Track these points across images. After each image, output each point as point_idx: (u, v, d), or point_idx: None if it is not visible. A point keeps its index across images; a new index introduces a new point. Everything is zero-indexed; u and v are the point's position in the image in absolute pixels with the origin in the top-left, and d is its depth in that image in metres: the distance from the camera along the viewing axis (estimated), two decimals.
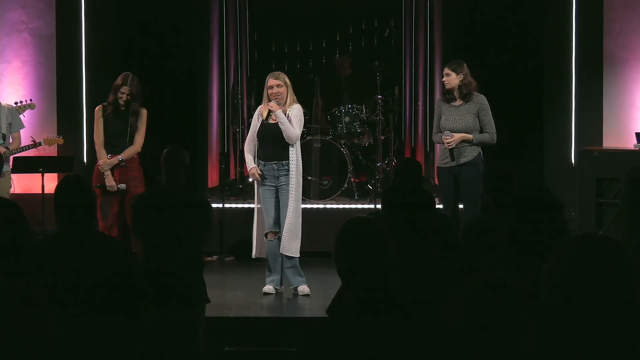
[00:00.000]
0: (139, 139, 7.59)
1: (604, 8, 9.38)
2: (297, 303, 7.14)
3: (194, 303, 5.35)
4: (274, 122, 7.22)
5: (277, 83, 7.20)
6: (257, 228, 7.37)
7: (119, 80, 7.57)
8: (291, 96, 7.26)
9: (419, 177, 5.75)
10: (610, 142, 9.25)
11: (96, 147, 7.64)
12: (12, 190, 7.98)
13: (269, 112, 7.24)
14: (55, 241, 4.01)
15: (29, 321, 1.97)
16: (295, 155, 7.24)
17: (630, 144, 8.81)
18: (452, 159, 7.43)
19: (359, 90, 10.50)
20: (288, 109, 7.22)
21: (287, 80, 7.27)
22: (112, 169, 7.49)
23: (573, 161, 9.39)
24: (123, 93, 7.52)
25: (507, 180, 5.12)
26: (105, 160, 7.52)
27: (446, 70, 7.58)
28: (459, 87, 7.49)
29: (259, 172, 7.23)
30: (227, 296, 7.33)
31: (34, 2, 9.52)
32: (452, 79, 7.50)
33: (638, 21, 9.37)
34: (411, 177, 5.64)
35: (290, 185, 7.21)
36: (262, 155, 7.26)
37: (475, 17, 10.05)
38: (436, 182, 8.93)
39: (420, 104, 10.48)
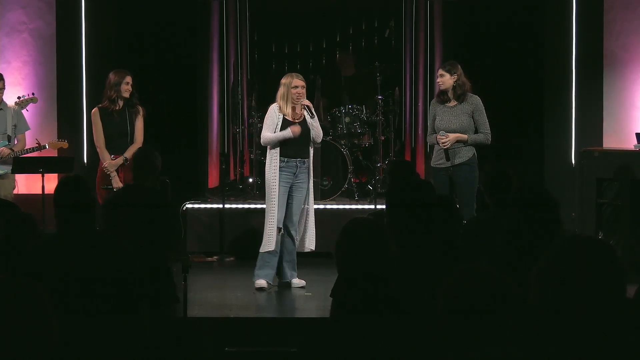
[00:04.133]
0: (140, 136, 7.55)
1: (604, 8, 9.38)
2: (297, 303, 7.14)
3: (161, 303, 5.27)
4: (299, 120, 7.31)
5: (303, 84, 7.34)
6: (273, 222, 7.30)
7: (115, 77, 7.50)
8: None
9: (414, 175, 5.78)
10: (610, 142, 9.24)
11: (98, 150, 7.59)
12: (15, 191, 7.94)
13: (293, 109, 7.30)
14: (55, 241, 4.01)
15: (31, 321, 1.97)
16: (312, 153, 7.46)
17: (630, 144, 8.79)
18: (447, 159, 7.44)
19: (359, 91, 10.50)
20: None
21: None
22: (117, 170, 7.46)
23: (573, 161, 9.39)
24: (127, 83, 7.48)
25: (506, 180, 5.13)
26: (109, 161, 7.50)
27: (440, 72, 7.60)
28: (453, 87, 7.50)
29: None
30: (227, 296, 7.33)
31: (34, 2, 9.52)
32: (446, 80, 7.50)
33: (638, 21, 9.37)
34: (406, 177, 5.65)
35: (309, 183, 7.37)
36: (285, 153, 7.29)
37: (475, 17, 10.05)
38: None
39: (420, 104, 10.47)
